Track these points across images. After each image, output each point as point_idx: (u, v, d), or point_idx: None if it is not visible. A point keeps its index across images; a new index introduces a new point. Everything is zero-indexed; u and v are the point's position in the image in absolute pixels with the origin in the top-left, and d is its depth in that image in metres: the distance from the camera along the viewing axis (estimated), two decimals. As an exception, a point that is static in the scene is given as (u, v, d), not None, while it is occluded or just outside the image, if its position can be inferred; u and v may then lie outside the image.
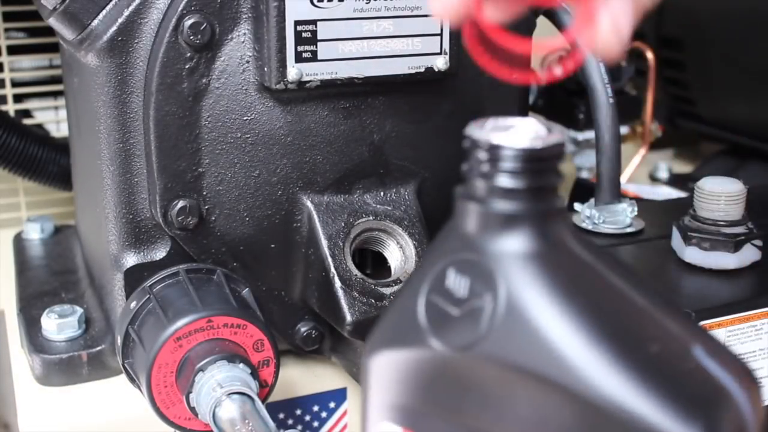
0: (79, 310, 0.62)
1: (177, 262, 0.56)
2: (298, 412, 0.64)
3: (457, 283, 0.32)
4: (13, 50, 0.83)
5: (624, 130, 0.90)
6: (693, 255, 0.58)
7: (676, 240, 0.59)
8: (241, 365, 0.50)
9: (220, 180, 0.55)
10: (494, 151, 0.31)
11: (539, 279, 0.30)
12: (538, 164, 0.30)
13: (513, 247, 0.30)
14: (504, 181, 0.30)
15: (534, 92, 0.90)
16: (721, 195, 0.58)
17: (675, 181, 0.99)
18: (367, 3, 0.54)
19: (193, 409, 0.50)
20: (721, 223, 0.57)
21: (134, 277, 0.56)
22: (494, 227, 0.31)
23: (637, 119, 0.91)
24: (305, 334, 0.60)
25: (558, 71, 0.37)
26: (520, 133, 0.31)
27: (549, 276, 0.30)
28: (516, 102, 0.63)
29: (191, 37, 0.52)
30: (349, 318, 0.54)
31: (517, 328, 0.30)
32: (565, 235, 0.31)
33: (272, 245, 0.57)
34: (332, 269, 0.55)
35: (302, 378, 0.63)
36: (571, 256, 0.31)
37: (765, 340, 0.55)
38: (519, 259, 0.30)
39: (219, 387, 0.49)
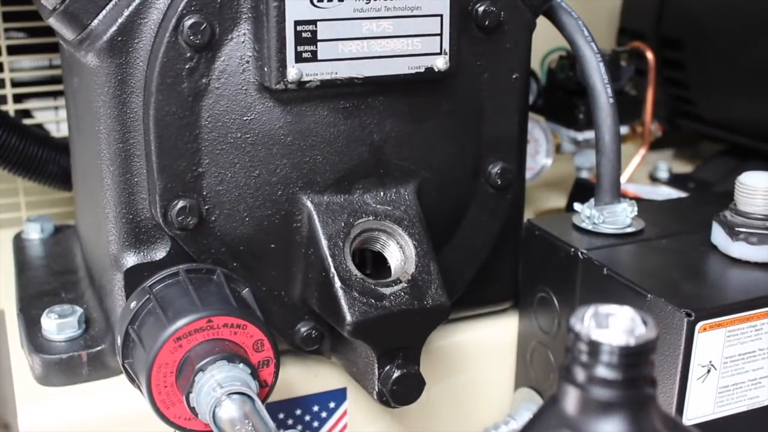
0: (79, 310, 0.62)
1: (177, 262, 0.56)
2: (298, 412, 0.64)
3: None
4: (13, 50, 0.83)
5: (624, 130, 0.90)
6: (741, 250, 0.58)
7: (719, 235, 0.60)
8: (241, 365, 0.50)
9: (220, 180, 0.55)
10: (594, 345, 0.34)
11: None
12: (633, 358, 0.34)
13: (609, 430, 0.34)
14: (602, 371, 0.34)
15: (534, 93, 0.90)
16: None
17: (675, 181, 0.99)
18: (367, 3, 0.54)
19: (193, 409, 0.50)
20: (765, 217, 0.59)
21: (134, 277, 0.56)
22: (592, 411, 0.34)
23: (637, 119, 0.91)
24: (305, 334, 0.60)
25: None
26: (617, 327, 0.34)
27: None
28: (516, 102, 0.63)
29: (191, 37, 0.52)
30: (349, 318, 0.54)
31: None
32: (656, 419, 0.34)
33: (272, 245, 0.57)
34: (332, 269, 0.55)
35: (302, 378, 0.63)
36: None
37: (765, 340, 0.55)
38: None
39: (219, 387, 0.49)
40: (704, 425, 0.55)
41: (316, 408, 0.64)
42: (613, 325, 0.34)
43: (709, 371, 0.54)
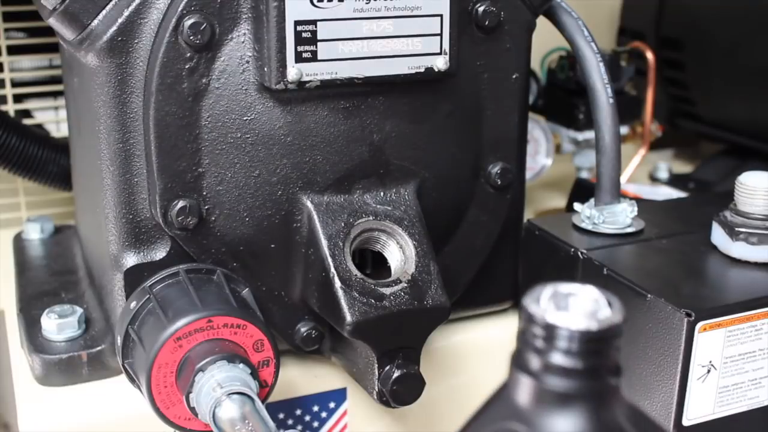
0: (79, 310, 0.62)
1: (177, 262, 0.56)
2: (298, 412, 0.64)
3: None
4: (13, 50, 0.83)
5: (624, 130, 0.90)
6: (741, 250, 0.58)
7: (719, 235, 0.60)
8: (241, 365, 0.50)
9: (220, 180, 0.55)
10: (550, 329, 0.30)
11: None
12: (595, 345, 0.29)
13: (565, 425, 0.30)
14: (559, 359, 0.30)
15: (534, 92, 0.90)
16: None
17: (675, 181, 0.99)
18: (367, 3, 0.54)
19: (192, 409, 0.50)
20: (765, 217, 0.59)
21: (134, 277, 0.56)
22: (547, 403, 0.30)
23: (637, 119, 0.91)
24: (305, 334, 0.60)
25: None
26: (577, 309, 0.30)
27: None
28: (516, 102, 0.63)
29: (191, 37, 0.52)
30: (349, 318, 0.54)
31: None
32: (618, 413, 0.30)
33: (272, 245, 0.57)
34: (332, 269, 0.55)
35: (302, 378, 0.63)
36: None
37: (765, 340, 0.55)
38: None
39: (219, 387, 0.49)
40: (704, 425, 0.55)
41: (316, 408, 0.64)
42: (573, 307, 0.30)
43: (709, 371, 0.54)
